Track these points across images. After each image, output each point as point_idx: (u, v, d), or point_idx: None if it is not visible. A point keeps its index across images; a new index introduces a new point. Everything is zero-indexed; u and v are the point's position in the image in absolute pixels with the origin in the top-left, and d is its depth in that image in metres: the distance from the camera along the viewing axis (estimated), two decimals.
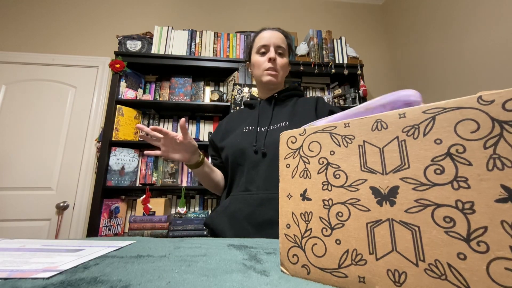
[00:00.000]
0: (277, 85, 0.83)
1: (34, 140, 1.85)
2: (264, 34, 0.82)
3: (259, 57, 0.81)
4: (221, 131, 0.85)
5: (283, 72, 0.82)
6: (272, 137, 0.73)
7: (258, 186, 0.69)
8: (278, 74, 0.80)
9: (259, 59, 0.81)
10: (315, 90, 2.09)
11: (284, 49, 0.81)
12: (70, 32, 2.11)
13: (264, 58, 0.80)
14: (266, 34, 0.81)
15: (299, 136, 0.28)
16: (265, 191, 0.67)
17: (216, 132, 0.87)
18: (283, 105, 0.82)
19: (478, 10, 1.56)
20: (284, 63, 0.82)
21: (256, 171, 0.71)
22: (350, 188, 0.23)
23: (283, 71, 0.82)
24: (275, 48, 0.80)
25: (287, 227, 0.26)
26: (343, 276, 0.22)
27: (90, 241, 0.37)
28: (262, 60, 0.80)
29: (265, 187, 0.68)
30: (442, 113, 0.19)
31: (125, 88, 1.75)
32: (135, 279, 0.22)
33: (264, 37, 0.81)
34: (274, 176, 0.68)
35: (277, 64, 0.80)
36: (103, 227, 1.54)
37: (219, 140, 0.83)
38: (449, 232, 0.17)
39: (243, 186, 0.71)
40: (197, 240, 0.41)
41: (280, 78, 0.81)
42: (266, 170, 0.69)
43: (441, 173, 0.19)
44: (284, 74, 0.84)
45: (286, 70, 0.85)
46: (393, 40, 2.39)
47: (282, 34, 0.83)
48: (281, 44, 0.80)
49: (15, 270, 0.22)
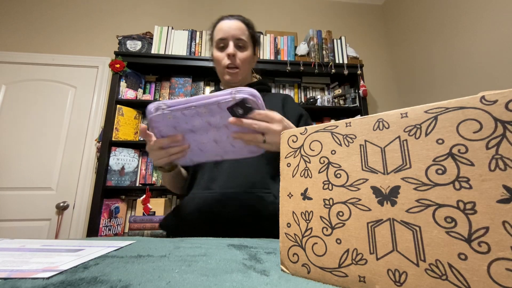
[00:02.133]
0: (239, 82, 0.76)
1: (34, 140, 1.85)
2: (221, 25, 0.73)
3: (218, 53, 0.73)
4: None
5: (245, 67, 0.75)
6: None
7: (220, 184, 0.64)
8: (239, 71, 0.73)
9: (218, 55, 0.73)
10: (315, 90, 2.09)
11: (245, 41, 0.73)
12: (70, 32, 2.11)
13: (223, 54, 0.72)
14: (224, 26, 0.73)
15: (300, 135, 0.28)
16: (227, 190, 0.62)
17: None
18: None
19: (479, 10, 1.56)
20: (246, 57, 0.74)
21: (219, 168, 0.66)
22: (351, 187, 0.23)
23: (246, 66, 0.75)
24: (234, 42, 0.72)
25: (288, 226, 0.26)
26: (343, 275, 0.22)
27: (90, 241, 0.37)
28: (221, 57, 0.73)
29: (228, 185, 0.63)
30: (444, 113, 0.19)
31: (125, 88, 1.75)
32: (135, 279, 0.22)
33: (222, 29, 0.72)
34: (238, 173, 0.64)
35: (237, 59, 0.72)
36: (103, 227, 1.54)
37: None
38: (450, 232, 0.17)
39: (204, 184, 0.65)
40: (197, 240, 0.41)
41: (241, 74, 0.75)
42: (230, 167, 0.65)
43: (442, 173, 0.18)
44: (247, 69, 0.77)
45: (250, 63, 0.78)
46: (393, 40, 2.38)
47: (242, 23, 0.74)
48: (240, 36, 0.72)
49: (15, 270, 0.22)
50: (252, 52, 0.77)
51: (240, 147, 0.51)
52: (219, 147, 0.52)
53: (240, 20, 0.75)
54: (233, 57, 0.71)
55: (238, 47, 0.73)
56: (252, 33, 0.77)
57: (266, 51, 1.94)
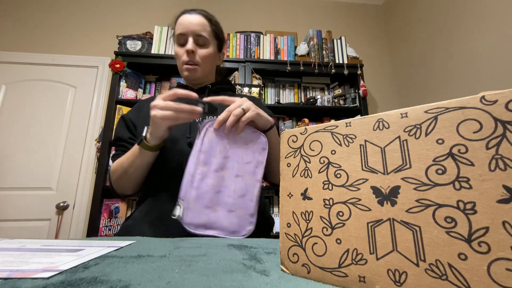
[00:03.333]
0: (200, 80, 0.73)
1: (34, 140, 1.85)
2: (182, 20, 0.69)
3: (178, 48, 0.70)
4: (144, 113, 0.70)
5: (206, 65, 0.71)
6: None
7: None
8: (198, 68, 0.69)
9: (178, 50, 0.70)
10: (315, 90, 2.09)
11: (205, 38, 0.69)
12: (70, 32, 2.11)
13: (182, 49, 0.69)
14: (184, 21, 0.69)
15: (300, 135, 0.28)
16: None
17: (137, 113, 0.72)
18: None
19: (479, 10, 1.56)
20: (207, 54, 0.70)
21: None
22: (351, 187, 0.23)
23: (207, 64, 0.71)
24: (194, 38, 0.68)
25: (288, 226, 0.26)
26: (343, 275, 0.22)
27: (90, 241, 0.37)
28: (180, 52, 0.69)
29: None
30: (444, 113, 0.19)
31: (125, 88, 1.75)
32: (135, 279, 0.22)
33: (182, 24, 0.69)
34: None
35: (197, 56, 0.69)
36: (103, 227, 1.54)
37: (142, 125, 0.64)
38: (450, 232, 0.17)
39: (172, 184, 0.57)
40: (197, 240, 0.41)
41: (201, 72, 0.71)
42: None
43: (442, 173, 0.18)
44: (208, 67, 0.73)
45: (213, 61, 0.74)
46: (393, 40, 2.38)
47: (204, 19, 0.70)
48: (201, 33, 0.68)
49: (15, 270, 0.22)
50: (215, 49, 0.73)
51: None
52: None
53: (203, 15, 0.71)
54: (192, 54, 0.68)
55: (198, 44, 0.69)
56: (215, 30, 0.73)
57: (266, 51, 1.94)
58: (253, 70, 1.84)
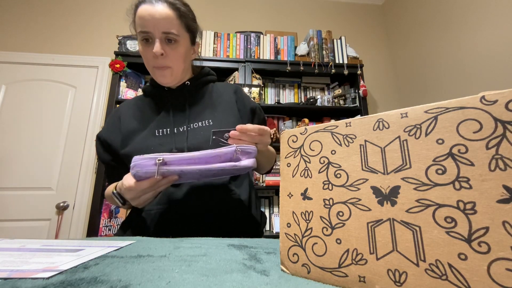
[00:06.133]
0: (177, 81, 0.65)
1: (34, 140, 1.85)
2: (142, 12, 0.56)
3: (143, 47, 0.59)
4: (118, 130, 0.63)
5: (179, 65, 0.61)
6: (196, 138, 0.59)
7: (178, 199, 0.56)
8: (172, 70, 0.61)
9: (143, 49, 0.59)
10: (315, 90, 2.09)
11: (175, 35, 0.57)
12: (70, 32, 2.11)
13: (149, 51, 0.58)
14: (146, 14, 0.56)
15: (300, 135, 0.28)
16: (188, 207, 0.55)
17: (111, 131, 0.64)
18: (198, 96, 0.67)
19: (479, 10, 1.56)
20: (179, 54, 0.60)
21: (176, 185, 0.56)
22: (351, 187, 0.23)
23: (180, 63, 0.61)
24: (161, 37, 0.57)
25: (288, 226, 0.26)
26: (343, 275, 0.22)
27: (90, 241, 0.37)
28: (148, 55, 0.58)
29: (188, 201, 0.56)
30: (444, 113, 0.19)
31: (125, 88, 1.75)
32: (135, 279, 0.22)
33: (144, 19, 0.56)
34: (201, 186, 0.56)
35: (167, 59, 0.59)
36: (103, 227, 1.54)
37: (120, 145, 0.61)
38: (450, 232, 0.17)
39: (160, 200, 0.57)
40: (197, 240, 0.41)
41: (175, 73, 0.62)
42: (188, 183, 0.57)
43: (442, 173, 0.18)
44: (182, 66, 0.62)
45: (186, 59, 0.63)
46: (393, 40, 2.38)
47: (170, 10, 0.57)
48: (170, 29, 0.57)
49: (15, 270, 0.22)
50: (187, 45, 0.62)
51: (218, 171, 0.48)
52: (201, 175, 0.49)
53: (168, 4, 0.57)
54: (161, 57, 0.58)
55: (168, 41, 0.58)
56: (186, 21, 0.60)
57: (266, 51, 1.94)
58: (253, 70, 1.84)
